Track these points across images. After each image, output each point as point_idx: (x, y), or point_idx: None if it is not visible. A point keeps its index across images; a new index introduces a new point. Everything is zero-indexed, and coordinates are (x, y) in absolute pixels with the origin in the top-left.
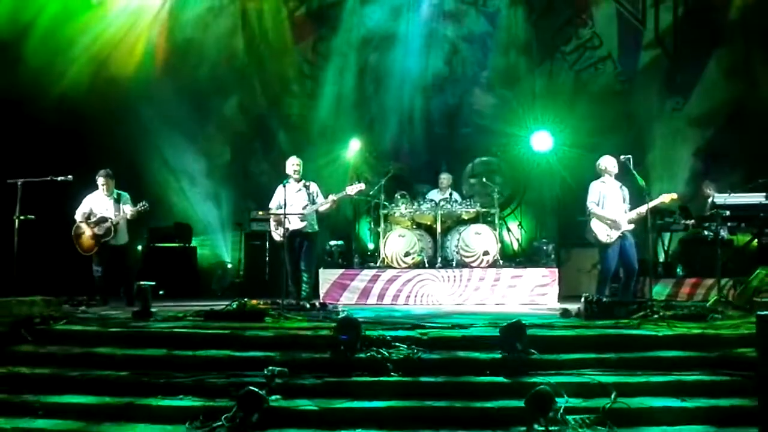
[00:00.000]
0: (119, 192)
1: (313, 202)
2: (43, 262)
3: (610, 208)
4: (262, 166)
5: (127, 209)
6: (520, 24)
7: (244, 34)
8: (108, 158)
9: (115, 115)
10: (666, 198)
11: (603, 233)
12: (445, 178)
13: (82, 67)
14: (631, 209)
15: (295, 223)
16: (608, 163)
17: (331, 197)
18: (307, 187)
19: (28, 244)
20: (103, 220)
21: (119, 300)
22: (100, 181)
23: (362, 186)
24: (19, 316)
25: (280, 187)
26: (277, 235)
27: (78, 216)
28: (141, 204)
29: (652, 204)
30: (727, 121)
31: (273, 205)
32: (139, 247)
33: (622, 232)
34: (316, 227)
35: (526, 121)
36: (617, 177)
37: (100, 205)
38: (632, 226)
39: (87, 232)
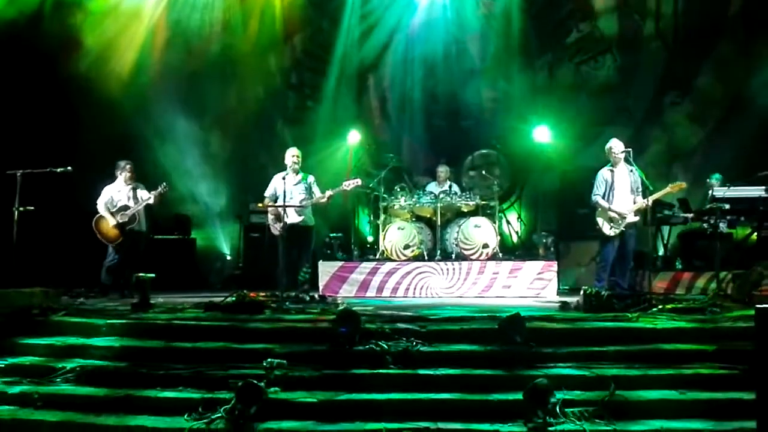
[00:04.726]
0: (136, 182)
1: (311, 196)
2: (42, 253)
3: (618, 198)
4: (261, 158)
5: (146, 194)
6: (521, 16)
7: (242, 26)
8: (106, 151)
9: (113, 107)
10: (674, 188)
11: (607, 226)
12: (442, 171)
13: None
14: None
15: (292, 217)
16: (616, 147)
17: (328, 192)
18: (305, 180)
19: (28, 235)
20: (125, 208)
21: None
22: (128, 167)
23: (358, 181)
24: (18, 307)
25: (278, 177)
26: (275, 228)
27: (101, 206)
28: (162, 186)
29: (660, 194)
30: (727, 113)
31: (268, 193)
32: None
33: (626, 225)
34: (313, 221)
35: (526, 114)
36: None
37: (120, 194)
38: (637, 218)
39: (110, 221)
